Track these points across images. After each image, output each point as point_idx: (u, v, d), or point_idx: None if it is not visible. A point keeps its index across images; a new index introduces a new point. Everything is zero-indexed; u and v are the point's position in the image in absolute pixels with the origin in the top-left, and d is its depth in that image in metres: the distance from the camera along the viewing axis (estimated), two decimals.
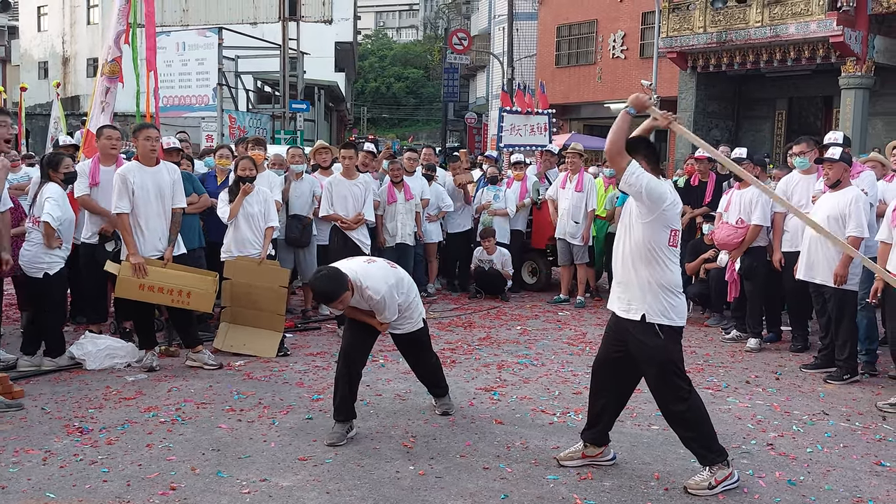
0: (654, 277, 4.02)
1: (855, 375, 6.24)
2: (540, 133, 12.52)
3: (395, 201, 9.03)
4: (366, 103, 63.05)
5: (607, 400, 4.36)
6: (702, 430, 4.13)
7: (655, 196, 3.93)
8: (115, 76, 8.04)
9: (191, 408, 5.31)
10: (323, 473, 4.26)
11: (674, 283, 4.07)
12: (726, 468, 4.08)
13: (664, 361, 4.07)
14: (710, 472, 4.06)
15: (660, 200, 3.95)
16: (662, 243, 4.01)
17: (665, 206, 3.97)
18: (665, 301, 4.04)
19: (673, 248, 4.05)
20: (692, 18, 20.37)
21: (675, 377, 4.10)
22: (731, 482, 4.08)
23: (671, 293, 4.06)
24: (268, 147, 9.28)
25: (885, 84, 18.78)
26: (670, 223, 4.03)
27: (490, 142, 27.90)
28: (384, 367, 6.37)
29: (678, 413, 4.13)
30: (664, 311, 4.03)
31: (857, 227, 6.06)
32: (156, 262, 6.18)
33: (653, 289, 4.03)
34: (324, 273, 4.59)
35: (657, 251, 4.01)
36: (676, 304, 4.08)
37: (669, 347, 4.07)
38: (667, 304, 4.04)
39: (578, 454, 4.42)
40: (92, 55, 37.12)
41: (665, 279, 4.03)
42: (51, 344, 6.19)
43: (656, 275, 4.02)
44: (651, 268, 4.03)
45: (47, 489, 3.99)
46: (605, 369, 4.34)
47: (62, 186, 6.24)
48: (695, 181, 9.14)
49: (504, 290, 9.75)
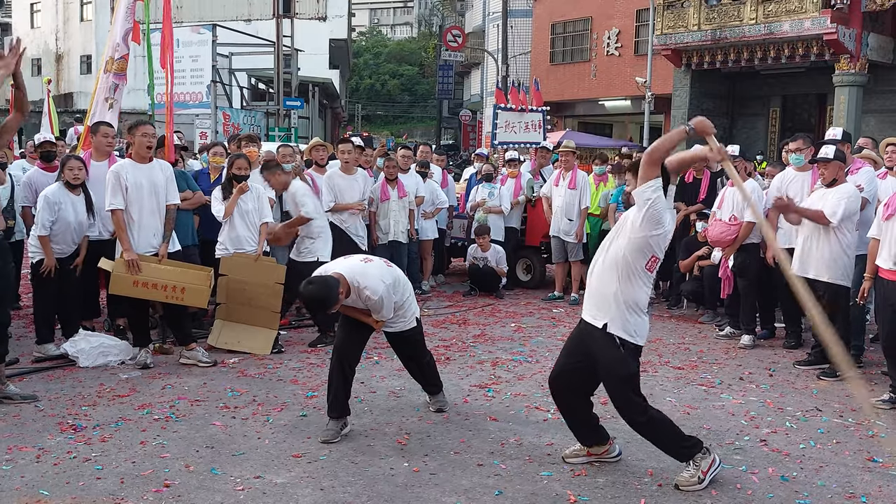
0: (623, 293, 4.04)
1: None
2: (534, 130, 12.51)
3: (389, 198, 9.03)
4: (360, 100, 63.00)
5: (577, 408, 4.39)
6: (668, 434, 4.16)
7: (656, 218, 3.93)
8: (122, 73, 8.01)
9: (185, 405, 5.31)
10: (317, 470, 4.26)
11: (641, 303, 4.09)
12: (707, 455, 4.11)
13: (623, 376, 4.09)
14: (695, 466, 4.08)
15: (657, 224, 3.94)
16: (640, 264, 4.03)
17: (658, 231, 3.96)
18: (629, 317, 4.06)
19: (649, 272, 4.07)
20: (686, 16, 20.39)
21: (632, 393, 4.13)
22: (715, 468, 4.11)
23: (635, 312, 4.08)
24: (262, 144, 9.26)
25: (879, 81, 18.84)
26: (655, 249, 4.03)
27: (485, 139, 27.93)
28: (378, 364, 6.37)
29: (640, 424, 4.16)
30: (625, 326, 4.06)
31: (832, 212, 6.09)
32: (150, 258, 6.17)
33: (618, 303, 4.05)
34: (314, 282, 4.54)
35: (633, 269, 4.03)
36: (639, 324, 4.10)
37: (628, 361, 4.10)
38: (630, 321, 4.06)
39: (584, 451, 4.42)
40: (85, 52, 37.05)
41: (633, 297, 4.05)
42: (37, 331, 6.40)
43: (626, 291, 4.04)
44: (623, 283, 4.04)
45: (41, 487, 3.99)
46: (559, 382, 4.36)
47: (72, 189, 6.38)
48: (689, 178, 9.14)
49: (498, 288, 9.75)
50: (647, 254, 4.01)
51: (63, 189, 6.35)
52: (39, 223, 6.26)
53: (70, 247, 6.42)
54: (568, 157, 9.51)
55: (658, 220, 3.93)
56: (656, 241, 4.00)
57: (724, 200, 7.43)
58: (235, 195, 6.75)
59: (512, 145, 11.96)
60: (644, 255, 4.01)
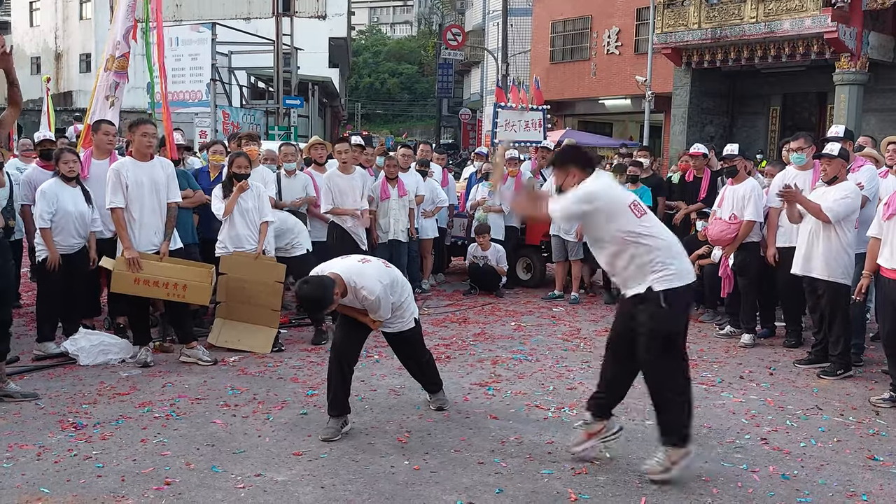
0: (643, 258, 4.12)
1: (849, 371, 6.26)
2: (535, 129, 12.50)
3: (389, 197, 9.02)
4: (360, 99, 62.98)
5: (620, 370, 4.39)
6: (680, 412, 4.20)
7: (581, 210, 4.10)
8: (123, 71, 8.00)
9: (185, 403, 5.31)
10: (318, 468, 4.26)
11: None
12: (683, 448, 4.13)
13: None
14: (666, 453, 4.12)
15: (588, 203, 4.07)
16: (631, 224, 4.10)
17: (597, 204, 4.08)
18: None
19: (645, 225, 4.13)
20: (687, 14, 20.38)
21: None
22: (688, 461, 4.13)
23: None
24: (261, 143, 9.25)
25: (879, 80, 18.82)
26: (619, 206, 4.11)
27: (484, 138, 27.91)
28: (378, 362, 6.37)
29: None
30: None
31: (829, 208, 6.10)
32: (151, 256, 6.17)
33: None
34: (310, 282, 4.53)
35: (631, 234, 4.11)
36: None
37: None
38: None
39: (582, 436, 4.43)
40: (84, 51, 37.01)
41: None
42: (39, 329, 6.41)
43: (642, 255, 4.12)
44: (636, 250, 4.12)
45: (41, 484, 3.98)
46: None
47: (68, 182, 6.40)
48: (689, 177, 9.16)
49: (499, 287, 9.75)
50: (622, 215, 4.10)
51: (59, 182, 6.37)
52: (38, 216, 6.26)
53: (75, 239, 6.40)
54: None
55: (581, 203, 4.07)
56: (609, 207, 4.09)
57: (724, 199, 7.43)
58: (235, 193, 6.75)
59: (512, 144, 11.94)
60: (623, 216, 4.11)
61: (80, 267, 6.47)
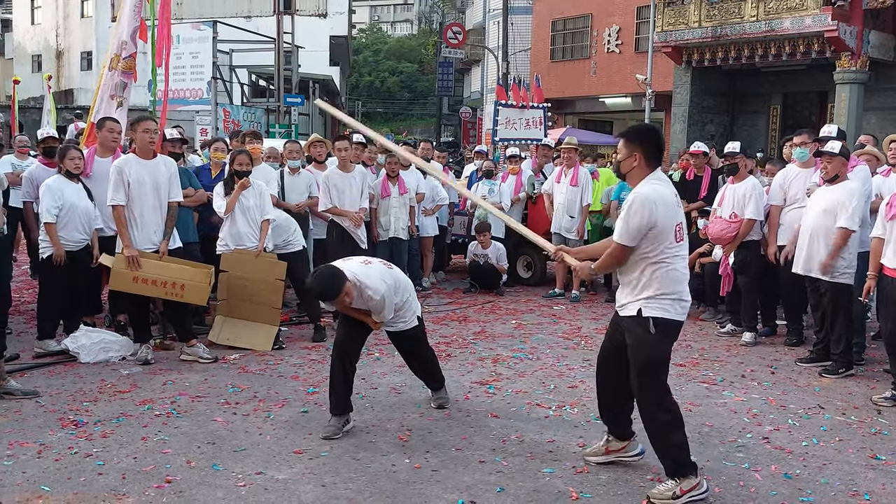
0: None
1: (850, 369, 6.25)
2: (535, 127, 12.51)
3: (390, 195, 9.00)
4: (360, 97, 62.89)
5: (614, 389, 4.23)
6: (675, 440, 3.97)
7: (645, 231, 3.80)
8: (130, 72, 7.99)
9: (186, 401, 5.30)
10: (319, 466, 4.25)
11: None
12: (694, 478, 3.88)
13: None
14: (676, 482, 3.87)
15: (646, 228, 3.79)
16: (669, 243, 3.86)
17: (652, 230, 3.80)
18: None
19: (681, 242, 3.90)
20: (687, 13, 20.35)
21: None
22: (699, 493, 3.87)
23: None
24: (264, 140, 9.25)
25: (880, 79, 18.80)
26: (668, 230, 3.84)
27: (485, 136, 27.91)
28: (380, 360, 6.36)
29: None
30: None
31: (847, 219, 6.06)
32: (151, 255, 6.16)
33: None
34: (322, 272, 4.59)
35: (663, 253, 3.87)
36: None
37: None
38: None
39: (602, 450, 4.36)
40: (85, 49, 37.01)
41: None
42: (39, 326, 6.42)
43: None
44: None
45: (42, 482, 3.98)
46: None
47: (71, 178, 6.43)
48: (690, 175, 9.14)
49: (499, 285, 9.75)
50: (669, 233, 3.85)
51: (63, 178, 6.38)
52: (44, 211, 6.25)
53: (81, 235, 6.41)
54: (570, 154, 9.50)
55: (638, 228, 3.83)
56: (660, 230, 3.84)
57: (725, 198, 7.41)
58: (237, 191, 6.74)
59: (512, 142, 11.95)
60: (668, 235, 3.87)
61: (84, 264, 6.46)
